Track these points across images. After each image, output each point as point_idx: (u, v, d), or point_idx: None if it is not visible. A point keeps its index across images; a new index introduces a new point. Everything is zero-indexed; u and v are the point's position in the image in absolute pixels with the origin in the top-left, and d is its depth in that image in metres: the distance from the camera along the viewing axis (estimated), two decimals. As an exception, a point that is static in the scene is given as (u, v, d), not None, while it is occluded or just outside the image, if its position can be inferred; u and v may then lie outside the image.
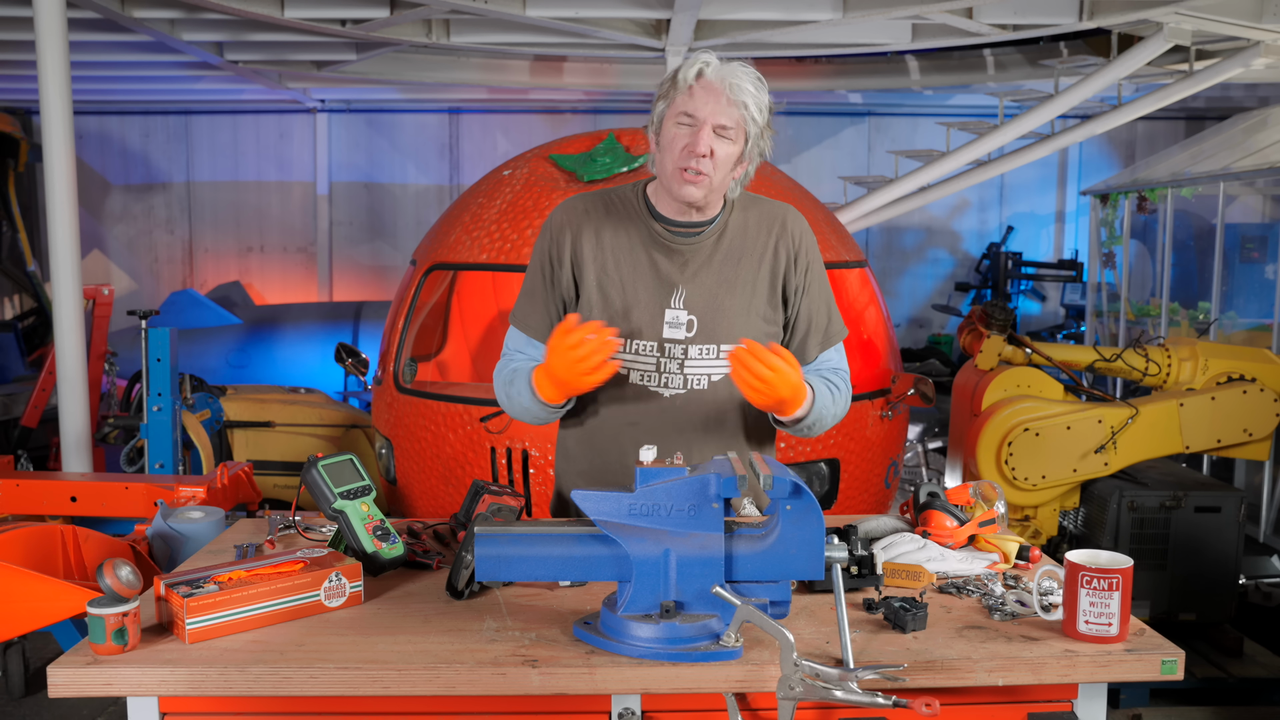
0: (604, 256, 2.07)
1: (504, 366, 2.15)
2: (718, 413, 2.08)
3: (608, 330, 1.90)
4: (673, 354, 2.05)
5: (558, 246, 2.10)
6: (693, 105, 1.93)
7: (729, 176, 2.01)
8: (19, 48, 7.22)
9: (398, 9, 6.41)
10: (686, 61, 1.97)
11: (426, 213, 10.47)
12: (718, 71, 1.93)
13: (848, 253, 4.25)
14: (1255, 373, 4.21)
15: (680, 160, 1.95)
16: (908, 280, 10.76)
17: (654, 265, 2.06)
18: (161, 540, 3.23)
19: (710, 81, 1.93)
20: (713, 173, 1.95)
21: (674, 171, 1.97)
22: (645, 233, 2.07)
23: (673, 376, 2.06)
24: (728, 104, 1.92)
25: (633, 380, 2.07)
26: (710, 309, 2.05)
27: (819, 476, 3.87)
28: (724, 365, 2.05)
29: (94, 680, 1.55)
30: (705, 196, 2.00)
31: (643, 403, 2.07)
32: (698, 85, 1.94)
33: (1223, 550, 4.05)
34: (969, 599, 1.85)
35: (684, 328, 2.04)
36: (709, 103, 1.92)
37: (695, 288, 2.05)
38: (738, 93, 1.92)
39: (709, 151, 1.93)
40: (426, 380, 4.39)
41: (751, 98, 1.94)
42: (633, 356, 2.06)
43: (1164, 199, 7.22)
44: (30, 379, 6.57)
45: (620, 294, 2.05)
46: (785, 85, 8.57)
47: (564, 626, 1.70)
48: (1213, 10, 5.97)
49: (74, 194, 4.65)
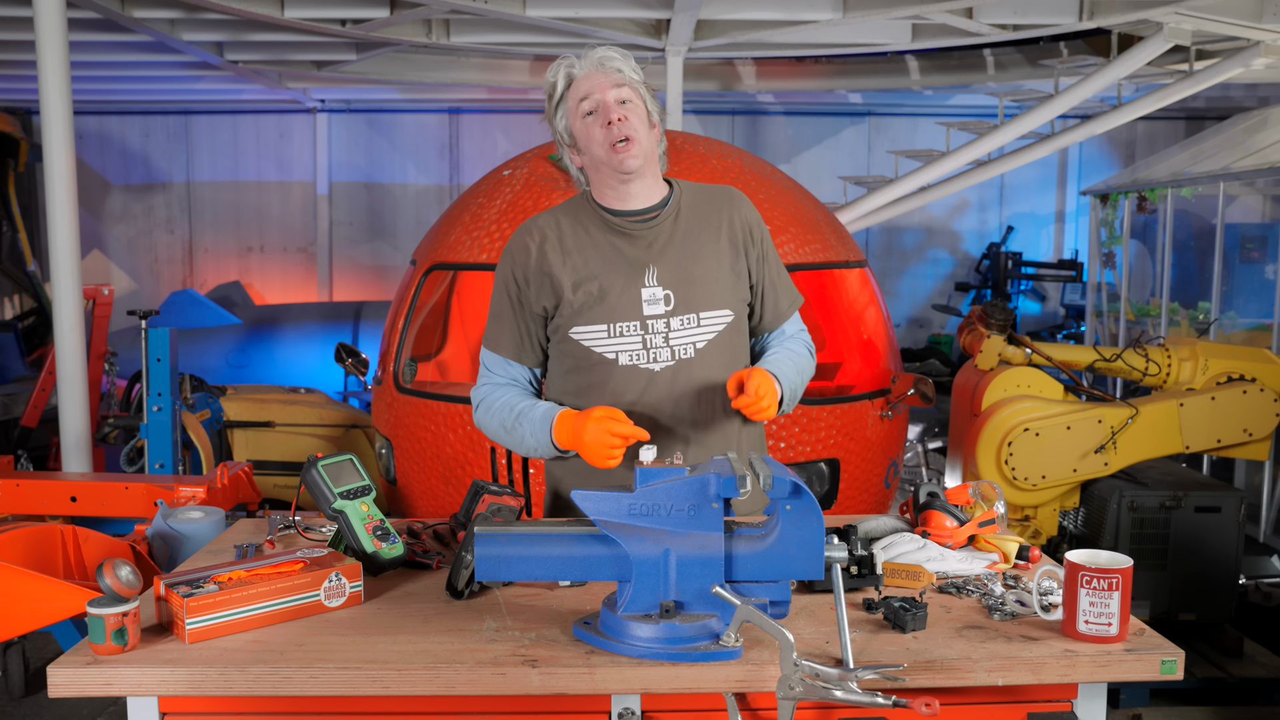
0: (572, 258, 2.14)
1: (489, 393, 2.21)
2: (707, 379, 2.15)
3: (643, 434, 1.98)
4: (655, 329, 2.12)
5: (521, 267, 2.17)
6: (584, 90, 2.07)
7: (652, 138, 2.12)
8: (19, 48, 7.22)
9: (398, 9, 6.41)
10: (549, 72, 2.13)
11: (426, 213, 10.48)
12: (582, 62, 2.10)
13: (848, 253, 4.25)
14: (1255, 373, 4.21)
15: (604, 139, 2.06)
16: (908, 280, 10.76)
17: (620, 252, 2.14)
18: (161, 540, 3.23)
19: (583, 70, 2.09)
20: (635, 133, 2.06)
21: (606, 154, 2.07)
22: (604, 227, 2.15)
23: (659, 351, 2.12)
24: (608, 73, 2.07)
25: (622, 362, 2.12)
26: (683, 281, 2.13)
27: (819, 476, 3.87)
28: (707, 333, 2.14)
29: (94, 680, 1.55)
30: (643, 161, 2.09)
31: (634, 382, 2.12)
32: (577, 81, 2.09)
33: (1223, 550, 4.05)
34: (969, 599, 1.85)
35: (662, 302, 2.12)
36: (596, 81, 2.07)
37: (665, 264, 2.13)
38: (608, 64, 2.08)
39: (623, 116, 2.05)
40: (426, 380, 4.39)
41: (622, 61, 2.09)
42: (618, 339, 2.12)
43: (1164, 199, 7.22)
44: (30, 379, 6.58)
45: (594, 283, 2.12)
46: (785, 85, 8.57)
47: (564, 626, 1.70)
48: (1213, 10, 5.98)
49: (74, 194, 4.65)
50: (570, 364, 2.16)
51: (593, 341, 2.11)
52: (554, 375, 2.22)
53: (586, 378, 2.14)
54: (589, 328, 2.11)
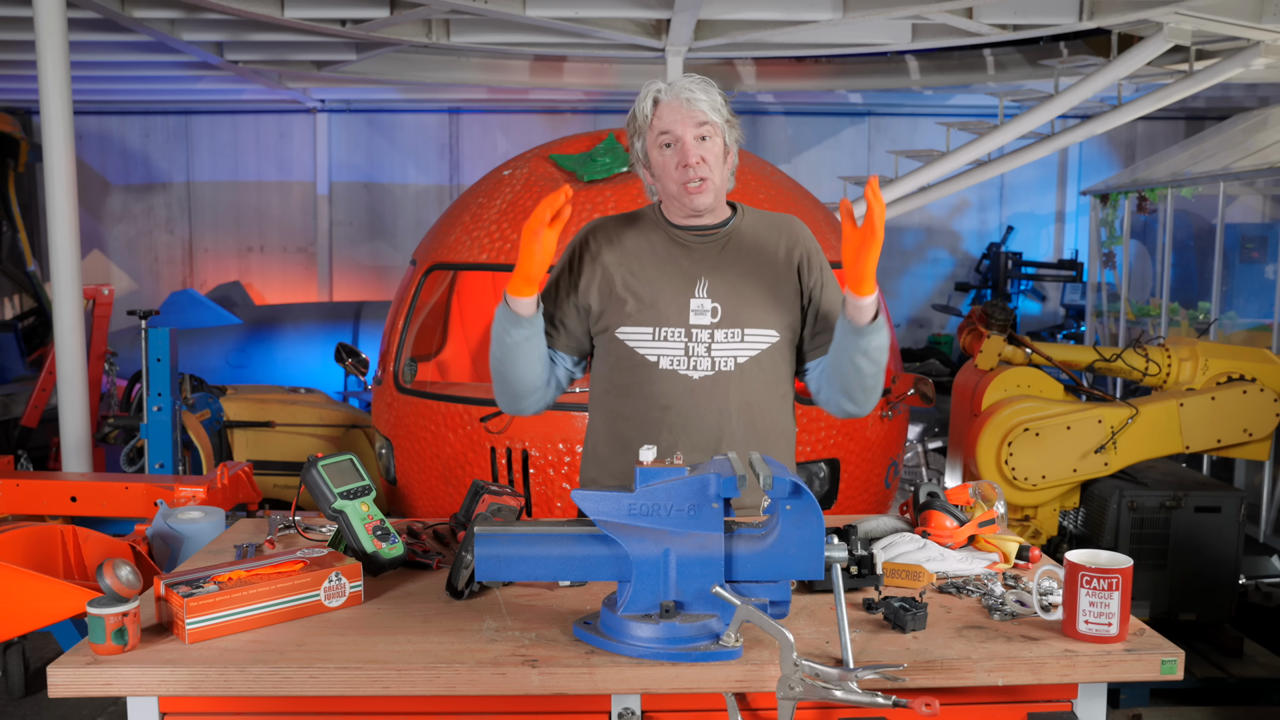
0: (628, 260, 2.21)
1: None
2: (744, 394, 2.18)
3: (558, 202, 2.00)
4: (699, 338, 2.17)
5: (585, 248, 2.24)
6: (665, 124, 2.12)
7: (725, 172, 2.18)
8: (19, 48, 7.22)
9: (398, 9, 6.41)
10: (639, 96, 2.16)
11: (426, 213, 10.48)
12: (669, 91, 2.13)
13: (848, 253, 4.24)
14: (1255, 373, 4.21)
15: (679, 177, 2.12)
16: (908, 280, 10.76)
17: (675, 261, 2.20)
18: (161, 540, 3.24)
19: (667, 101, 2.13)
20: (711, 174, 2.12)
21: (679, 190, 2.13)
22: (664, 236, 2.22)
23: (700, 360, 2.17)
24: (690, 111, 2.11)
25: (663, 366, 2.17)
26: (733, 296, 2.18)
27: (819, 476, 3.87)
28: (750, 349, 2.18)
29: (94, 680, 1.55)
30: (714, 198, 2.16)
31: (673, 386, 2.17)
32: (660, 109, 2.13)
33: (1223, 550, 4.05)
34: (969, 599, 1.85)
35: (709, 314, 2.18)
36: (677, 116, 2.11)
37: (717, 278, 2.18)
38: (695, 101, 2.11)
39: (700, 158, 2.10)
40: (426, 380, 4.39)
41: (705, 99, 2.12)
42: (661, 343, 2.17)
43: (1164, 199, 7.22)
44: (30, 379, 6.58)
45: (647, 288, 2.18)
46: (785, 85, 8.56)
47: (564, 626, 1.70)
48: (1213, 10, 5.98)
49: (74, 194, 4.66)
50: (613, 363, 2.21)
51: (637, 343, 2.17)
52: (597, 373, 2.27)
53: (627, 378, 2.19)
54: (635, 329, 2.17)
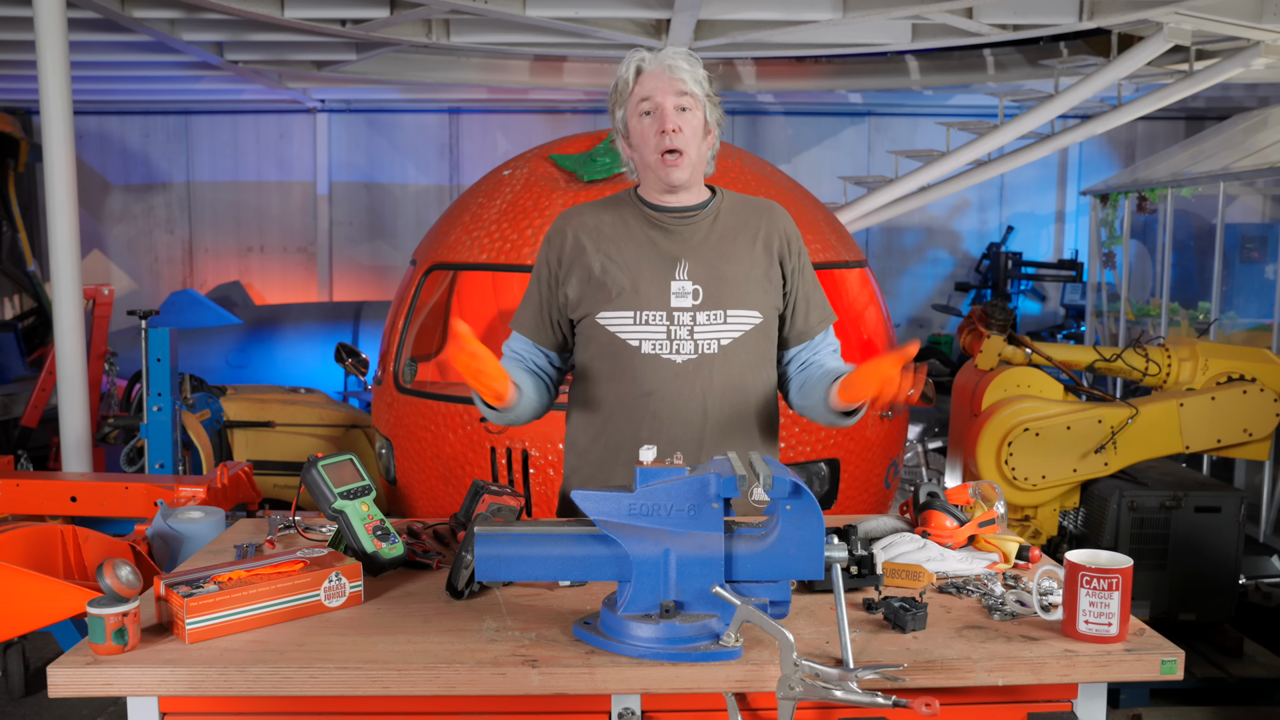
0: (606, 245, 2.18)
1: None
2: (728, 378, 2.16)
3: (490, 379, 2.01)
4: (681, 321, 2.14)
5: (556, 251, 2.22)
6: (646, 91, 2.11)
7: (703, 149, 2.16)
8: (19, 48, 7.22)
9: (398, 9, 6.41)
10: (622, 64, 2.16)
11: (426, 213, 10.47)
12: (652, 60, 2.13)
13: (848, 253, 4.25)
14: (1255, 373, 4.21)
15: (657, 145, 2.10)
16: (908, 280, 10.76)
17: (654, 244, 2.18)
18: (161, 540, 3.23)
19: (650, 70, 2.12)
20: (687, 146, 2.11)
21: (655, 161, 2.12)
22: (642, 219, 2.20)
23: (683, 343, 2.15)
24: (672, 79, 2.10)
25: (645, 350, 2.15)
26: (714, 278, 2.16)
27: (819, 476, 3.87)
28: (733, 331, 2.15)
29: (94, 680, 1.55)
30: (690, 174, 2.14)
31: (656, 371, 2.15)
32: (643, 78, 2.12)
33: (1223, 550, 4.05)
34: (969, 599, 1.85)
35: (690, 296, 2.15)
36: (659, 84, 2.10)
37: (697, 260, 2.16)
38: (677, 70, 2.11)
39: (677, 127, 2.09)
40: (426, 380, 4.39)
41: (688, 70, 2.12)
42: (642, 327, 2.15)
43: (1164, 199, 7.22)
44: (30, 379, 6.58)
45: (626, 272, 2.16)
46: (785, 85, 8.56)
47: (564, 626, 1.70)
48: (1213, 10, 5.97)
49: (74, 194, 4.65)
50: (595, 349, 2.19)
51: (618, 328, 2.15)
52: (580, 360, 2.25)
53: (610, 363, 2.17)
54: (615, 314, 2.15)
